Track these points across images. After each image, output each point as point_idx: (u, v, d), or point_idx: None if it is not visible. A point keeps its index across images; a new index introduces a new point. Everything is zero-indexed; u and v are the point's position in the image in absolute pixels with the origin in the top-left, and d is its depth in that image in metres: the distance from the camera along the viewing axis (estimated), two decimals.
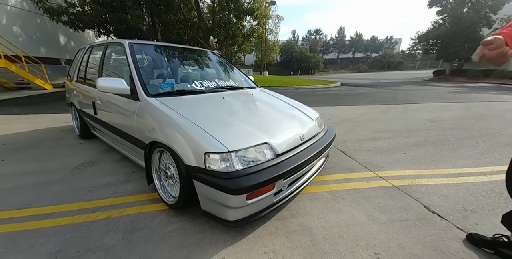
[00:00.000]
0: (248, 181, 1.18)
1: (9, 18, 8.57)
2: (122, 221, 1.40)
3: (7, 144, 2.84)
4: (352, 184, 1.90)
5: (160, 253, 1.17)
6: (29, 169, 2.15)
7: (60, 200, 1.64)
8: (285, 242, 1.26)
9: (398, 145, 2.83)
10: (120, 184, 1.86)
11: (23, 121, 4.06)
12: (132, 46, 1.92)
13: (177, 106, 1.53)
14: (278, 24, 28.26)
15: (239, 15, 9.51)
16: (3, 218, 1.42)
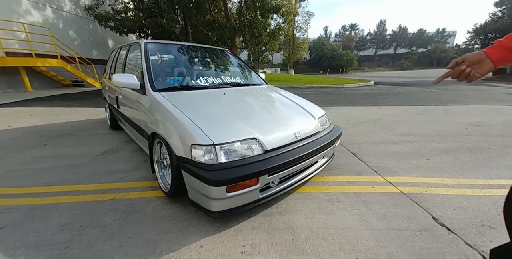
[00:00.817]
0: (229, 174, 1.20)
1: (65, 23, 10.01)
2: (123, 203, 1.55)
3: (53, 131, 3.34)
4: (353, 187, 1.78)
5: (147, 235, 1.27)
6: (64, 153, 2.50)
7: (80, 180, 1.88)
8: (265, 238, 1.26)
9: (423, 150, 2.54)
10: (131, 170, 2.05)
11: (70, 113, 4.71)
12: (146, 45, 2.09)
13: (176, 100, 1.62)
14: (308, 21, 27.22)
15: (264, 14, 9.49)
16: (32, 192, 1.69)
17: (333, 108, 5.21)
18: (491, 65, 0.69)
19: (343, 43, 55.89)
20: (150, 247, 1.18)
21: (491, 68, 0.70)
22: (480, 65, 0.70)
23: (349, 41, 59.69)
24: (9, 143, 2.81)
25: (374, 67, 50.33)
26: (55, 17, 9.43)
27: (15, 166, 2.15)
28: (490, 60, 0.69)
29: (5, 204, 1.52)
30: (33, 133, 3.26)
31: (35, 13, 8.49)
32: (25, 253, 1.11)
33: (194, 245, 1.20)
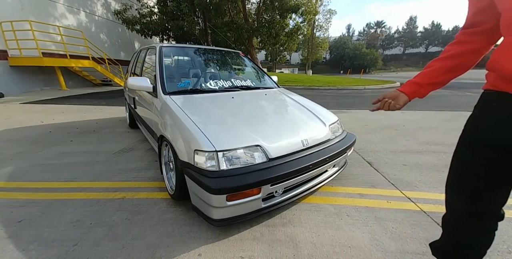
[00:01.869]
0: (230, 182, 1.18)
1: (97, 26, 10.77)
2: (131, 203, 1.60)
3: (79, 128, 3.59)
4: (366, 201, 1.66)
5: (149, 237, 1.28)
6: (86, 149, 2.67)
7: (96, 177, 1.98)
8: (265, 251, 1.21)
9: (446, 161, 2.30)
10: (142, 170, 2.12)
11: (97, 111, 5.04)
12: (161, 49, 2.14)
13: (184, 104, 1.63)
14: (330, 19, 26.32)
15: (283, 13, 9.35)
16: (52, 187, 1.82)
17: (350, 112, 4.97)
18: (405, 98, 0.89)
19: (367, 42, 53.29)
20: (150, 251, 1.19)
21: (406, 100, 0.89)
22: (398, 99, 0.89)
23: (374, 40, 56.78)
24: (39, 138, 3.06)
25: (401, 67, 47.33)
26: (88, 21, 10.19)
27: (41, 161, 2.34)
28: (404, 94, 0.88)
29: (27, 198, 1.65)
30: (62, 129, 3.53)
31: (70, 17, 9.25)
32: (36, 248, 1.18)
33: (193, 252, 1.19)
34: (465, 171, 0.78)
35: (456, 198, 0.82)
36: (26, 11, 7.46)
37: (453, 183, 0.83)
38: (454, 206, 0.84)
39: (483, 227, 0.79)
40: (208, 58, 2.49)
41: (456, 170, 0.81)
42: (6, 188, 1.79)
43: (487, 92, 0.71)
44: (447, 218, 0.88)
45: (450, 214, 0.87)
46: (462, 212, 0.81)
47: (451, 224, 0.87)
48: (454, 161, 0.81)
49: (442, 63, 0.80)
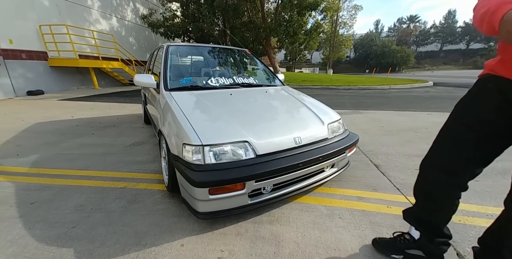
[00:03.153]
0: (213, 176, 1.19)
1: (126, 30, 11.59)
2: (130, 193, 1.70)
3: (102, 123, 3.89)
4: (363, 204, 1.56)
5: (139, 226, 1.35)
6: (103, 142, 2.89)
7: (105, 167, 2.14)
8: (246, 247, 1.20)
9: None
10: (147, 163, 2.24)
11: (120, 108, 5.43)
12: (168, 48, 2.23)
13: (182, 100, 1.69)
14: (355, 15, 25.05)
15: (301, 11, 9.12)
16: (66, 174, 2.00)
17: (367, 113, 4.70)
18: None
19: (398, 38, 49.79)
20: (137, 238, 1.25)
21: None
22: None
23: (406, 36, 52.84)
24: (67, 131, 3.39)
25: (437, 65, 43.46)
26: (118, 26, 11.01)
27: (64, 150, 2.58)
28: None
29: (43, 183, 1.84)
30: (88, 123, 3.87)
31: (103, 22, 10.07)
32: (41, 228, 1.31)
33: (176, 242, 1.23)
34: (454, 145, 0.87)
35: (437, 172, 0.93)
36: (64, 16, 8.29)
37: (437, 157, 0.94)
38: (432, 179, 0.95)
39: (452, 197, 0.94)
40: (213, 56, 2.54)
41: (444, 145, 0.91)
42: (28, 173, 2.01)
43: (485, 77, 0.80)
44: (422, 188, 1.02)
45: (426, 185, 0.99)
46: (439, 184, 0.93)
47: (425, 195, 1.00)
48: (443, 137, 0.92)
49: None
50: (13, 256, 1.12)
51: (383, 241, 1.16)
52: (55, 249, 1.16)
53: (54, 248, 1.16)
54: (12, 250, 1.15)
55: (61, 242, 1.21)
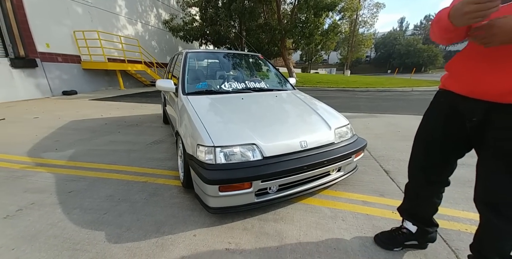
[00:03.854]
0: (223, 174, 1.32)
1: (150, 35, 12.29)
2: (151, 187, 1.89)
3: (127, 122, 4.23)
4: (368, 208, 1.60)
5: (158, 216, 1.52)
6: (128, 139, 3.17)
7: (130, 163, 2.37)
8: (252, 241, 1.31)
9: None
10: (165, 160, 2.44)
11: (142, 108, 5.82)
12: (187, 55, 2.42)
13: (197, 103, 1.85)
14: (377, 13, 24.04)
15: (318, 12, 9.01)
16: (98, 168, 2.25)
17: (383, 117, 4.59)
18: None
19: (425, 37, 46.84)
20: (156, 226, 1.42)
21: None
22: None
23: None
24: (97, 128, 3.75)
25: None
26: (143, 30, 11.71)
27: (96, 146, 2.89)
28: None
29: (79, 174, 2.10)
30: (114, 122, 4.23)
31: (129, 27, 10.78)
32: (78, 213, 1.53)
33: (190, 233, 1.37)
34: (424, 148, 1.05)
35: (417, 171, 1.11)
36: (95, 23, 9.01)
37: (415, 159, 1.11)
38: (416, 178, 1.13)
39: (435, 192, 1.10)
40: (228, 62, 2.69)
41: (418, 149, 1.08)
42: (66, 165, 2.29)
43: (439, 91, 0.98)
44: (409, 186, 1.18)
45: (411, 183, 1.17)
46: (421, 182, 1.10)
47: (412, 191, 1.18)
48: (416, 141, 1.09)
49: None
50: (54, 237, 1.33)
51: (384, 237, 1.27)
52: (90, 232, 1.36)
53: (89, 231, 1.37)
54: (53, 232, 1.37)
55: (94, 226, 1.41)
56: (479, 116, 0.82)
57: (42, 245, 1.25)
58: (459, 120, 0.89)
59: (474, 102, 0.82)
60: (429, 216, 1.17)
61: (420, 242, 1.22)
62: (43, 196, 1.73)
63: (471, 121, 0.85)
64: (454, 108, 0.89)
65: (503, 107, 0.75)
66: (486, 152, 0.85)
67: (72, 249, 1.23)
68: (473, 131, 0.87)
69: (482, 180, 0.88)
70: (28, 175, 2.07)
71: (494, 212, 0.86)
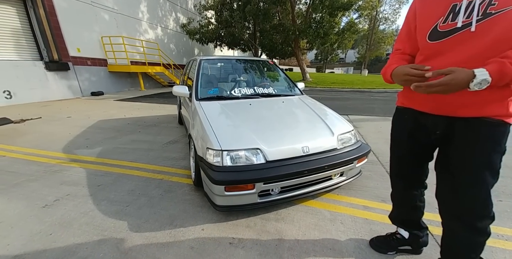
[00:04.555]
0: (228, 176, 1.46)
1: (168, 38, 12.88)
2: (166, 184, 2.09)
3: (146, 122, 4.56)
4: (367, 213, 1.66)
5: (172, 210, 1.70)
6: (146, 139, 3.44)
7: (148, 161, 2.60)
8: (253, 237, 1.44)
9: (504, 189, 1.96)
10: (179, 159, 2.65)
11: (160, 108, 6.17)
12: (201, 61, 2.60)
13: (208, 109, 2.01)
14: (399, 9, 22.85)
15: (333, 12, 8.86)
16: (122, 165, 2.51)
17: None
18: None
19: None
20: (170, 219, 1.60)
21: None
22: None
23: None
24: (121, 128, 4.09)
25: None
26: (162, 34, 12.31)
27: (120, 145, 3.18)
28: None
29: (106, 170, 2.36)
30: (136, 122, 4.57)
31: (150, 32, 11.39)
32: (105, 204, 1.76)
33: (199, 227, 1.54)
34: (397, 160, 1.18)
35: (396, 179, 1.22)
36: (120, 28, 9.64)
37: (393, 168, 1.22)
38: (395, 185, 1.24)
39: (416, 196, 1.18)
40: (238, 68, 2.84)
41: (393, 159, 1.20)
42: (95, 161, 2.58)
43: (399, 108, 1.10)
44: (393, 195, 1.28)
45: (394, 191, 1.27)
46: (401, 189, 1.21)
47: (396, 198, 1.28)
48: (391, 152, 1.20)
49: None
50: (85, 224, 1.55)
51: (379, 241, 1.35)
52: (115, 221, 1.57)
53: (114, 220, 1.58)
54: (85, 220, 1.59)
55: (119, 216, 1.62)
56: (441, 129, 0.91)
57: (76, 231, 1.48)
58: (424, 132, 0.98)
59: (435, 118, 0.90)
60: (417, 220, 1.24)
61: (414, 246, 1.28)
62: (77, 189, 2.00)
63: (435, 134, 0.94)
64: (418, 123, 0.99)
65: (461, 120, 0.84)
66: (450, 162, 0.91)
67: (101, 235, 1.44)
68: (439, 142, 0.96)
69: (450, 194, 0.93)
70: (63, 169, 2.38)
71: (466, 224, 0.91)
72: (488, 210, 0.88)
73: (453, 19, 0.79)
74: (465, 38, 0.78)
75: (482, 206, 0.87)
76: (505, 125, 0.81)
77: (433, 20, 0.84)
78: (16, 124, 4.25)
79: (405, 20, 1.01)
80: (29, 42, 7.06)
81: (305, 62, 12.88)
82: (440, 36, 0.82)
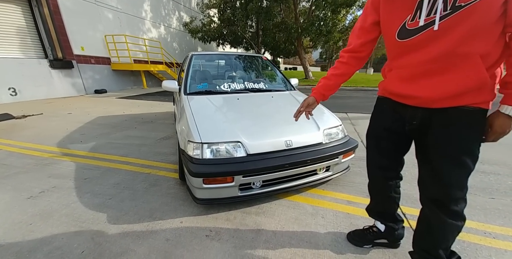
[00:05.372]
0: (206, 168, 1.44)
1: (171, 37, 12.98)
2: (152, 178, 2.09)
3: (143, 119, 4.59)
4: (350, 208, 1.62)
5: (154, 203, 1.70)
6: (141, 135, 3.46)
7: (138, 156, 2.61)
8: (231, 230, 1.42)
9: (497, 186, 1.89)
10: (170, 154, 2.65)
11: (159, 106, 6.21)
12: (192, 57, 2.59)
13: (194, 102, 1.99)
14: None
15: (336, 9, 8.71)
16: (112, 159, 2.52)
17: None
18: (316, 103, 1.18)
19: None
20: (150, 212, 1.60)
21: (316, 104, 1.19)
22: (312, 105, 1.18)
23: None
24: (118, 124, 4.13)
25: None
26: (165, 33, 12.40)
27: (113, 140, 3.21)
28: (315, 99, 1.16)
29: (95, 164, 2.38)
30: (133, 119, 4.61)
31: (153, 30, 11.50)
32: (88, 197, 1.77)
33: (178, 219, 1.52)
34: (375, 149, 1.13)
35: (375, 170, 1.18)
36: (124, 27, 9.76)
37: (371, 159, 1.17)
38: (374, 176, 1.20)
39: (392, 187, 1.16)
40: (230, 63, 2.81)
41: (372, 150, 1.15)
42: (86, 156, 2.61)
43: (380, 98, 1.07)
44: (370, 186, 1.25)
45: (372, 182, 1.22)
46: (378, 179, 1.18)
47: (373, 189, 1.24)
48: (369, 143, 1.16)
49: (336, 79, 1.11)
50: (65, 215, 1.56)
51: (355, 235, 1.33)
52: (95, 213, 1.58)
53: (94, 212, 1.58)
54: (66, 211, 1.60)
55: (100, 208, 1.63)
56: (418, 120, 0.90)
57: (54, 222, 1.49)
58: (401, 122, 0.97)
59: (413, 109, 0.89)
60: (392, 212, 1.23)
61: (389, 239, 1.25)
62: (63, 181, 2.02)
63: (412, 124, 0.92)
64: (397, 113, 0.97)
65: (439, 111, 0.83)
66: (428, 150, 0.90)
67: (78, 226, 1.44)
68: (414, 132, 0.95)
69: (430, 179, 0.92)
70: (54, 162, 2.41)
71: (444, 208, 0.89)
72: (464, 193, 0.88)
73: (419, 17, 0.75)
74: (430, 37, 0.75)
75: (458, 190, 0.87)
76: (482, 111, 0.80)
77: (401, 17, 0.80)
78: (17, 120, 4.35)
79: (362, 13, 0.98)
80: (34, 41, 7.21)
81: (310, 61, 12.78)
82: (409, 34, 0.80)
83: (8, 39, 6.61)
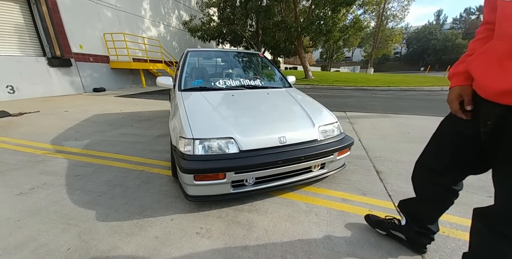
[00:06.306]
0: (197, 165, 1.41)
1: (171, 35, 12.92)
2: (145, 175, 2.06)
3: (140, 117, 4.56)
4: (344, 205, 1.59)
5: (145, 201, 1.67)
6: (136, 132, 3.43)
7: (133, 153, 2.58)
8: (222, 227, 1.39)
9: (489, 184, 1.84)
10: (165, 152, 2.61)
11: (157, 104, 6.18)
12: (187, 53, 2.56)
13: (188, 99, 1.96)
14: (407, 6, 22.25)
15: (335, 8, 8.66)
16: (106, 156, 2.49)
17: (396, 117, 4.35)
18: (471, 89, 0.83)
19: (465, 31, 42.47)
20: (141, 209, 1.57)
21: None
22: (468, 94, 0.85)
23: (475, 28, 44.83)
24: (114, 122, 4.10)
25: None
26: (165, 32, 12.36)
27: (108, 137, 3.18)
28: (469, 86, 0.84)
29: (88, 161, 2.35)
30: (130, 117, 4.58)
31: (152, 29, 11.46)
32: (78, 194, 1.74)
33: (168, 217, 1.49)
34: (436, 151, 0.99)
35: (420, 170, 1.08)
36: (123, 25, 9.73)
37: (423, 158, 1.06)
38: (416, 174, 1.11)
39: (436, 195, 1.04)
40: (226, 60, 2.78)
41: (429, 149, 1.03)
42: (80, 153, 2.58)
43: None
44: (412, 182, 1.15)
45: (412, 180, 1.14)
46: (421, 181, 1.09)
47: (414, 187, 1.15)
48: (430, 142, 1.02)
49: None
50: (54, 212, 1.53)
51: (374, 218, 1.33)
52: (83, 210, 1.55)
53: (83, 209, 1.55)
54: (54, 208, 1.57)
55: (89, 206, 1.60)
56: (494, 120, 0.72)
57: (43, 218, 1.46)
58: (472, 121, 0.82)
59: (489, 104, 0.72)
60: (425, 217, 1.13)
61: (407, 237, 1.19)
62: (54, 178, 1.99)
63: (486, 125, 0.76)
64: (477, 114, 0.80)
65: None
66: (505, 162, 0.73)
67: (66, 223, 1.41)
68: (488, 136, 0.76)
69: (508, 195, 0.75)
70: (47, 159, 2.38)
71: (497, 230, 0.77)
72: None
73: None
74: None
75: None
76: None
77: None
78: (13, 117, 4.32)
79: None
80: (32, 39, 7.18)
81: (310, 61, 12.73)
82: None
83: (6, 37, 6.58)
